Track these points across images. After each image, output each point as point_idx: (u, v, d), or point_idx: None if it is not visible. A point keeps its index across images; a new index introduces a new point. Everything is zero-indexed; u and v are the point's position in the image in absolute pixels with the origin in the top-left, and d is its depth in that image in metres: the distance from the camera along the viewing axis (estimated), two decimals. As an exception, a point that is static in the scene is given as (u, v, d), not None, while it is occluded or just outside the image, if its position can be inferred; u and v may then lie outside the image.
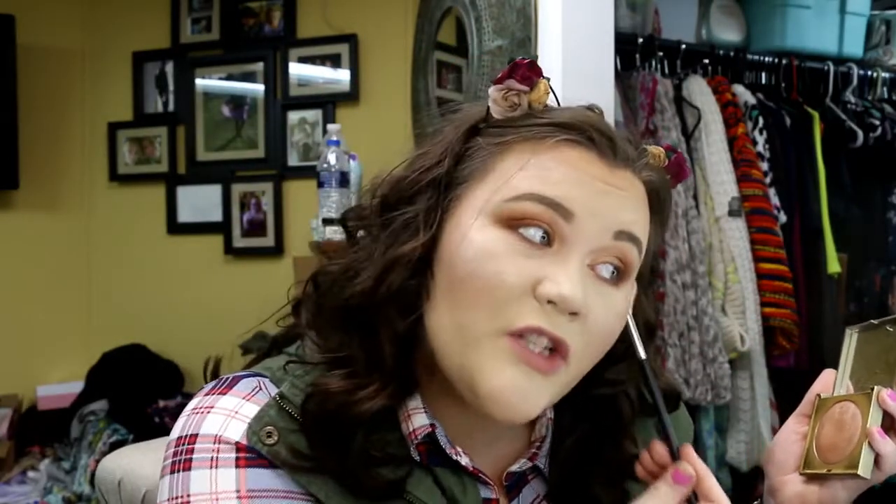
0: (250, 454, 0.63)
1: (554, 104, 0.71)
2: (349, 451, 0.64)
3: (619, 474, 0.74)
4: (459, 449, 0.70)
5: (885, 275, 2.59)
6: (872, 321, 0.81)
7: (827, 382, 0.80)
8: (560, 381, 0.64)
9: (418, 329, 0.67)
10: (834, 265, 2.39)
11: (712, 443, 2.26)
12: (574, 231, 0.63)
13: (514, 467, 0.73)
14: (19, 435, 3.13)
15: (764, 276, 2.27)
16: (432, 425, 0.68)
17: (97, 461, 1.92)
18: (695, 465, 0.66)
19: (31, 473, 2.99)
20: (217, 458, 0.63)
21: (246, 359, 0.76)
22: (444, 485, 0.68)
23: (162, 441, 0.74)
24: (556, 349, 0.63)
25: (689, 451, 0.67)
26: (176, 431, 0.66)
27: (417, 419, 0.68)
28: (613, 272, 0.65)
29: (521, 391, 0.62)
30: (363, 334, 0.66)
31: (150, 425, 2.91)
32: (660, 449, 0.68)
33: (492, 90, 0.68)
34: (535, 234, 0.63)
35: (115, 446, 2.37)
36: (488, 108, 0.69)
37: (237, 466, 0.63)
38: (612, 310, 0.65)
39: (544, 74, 0.68)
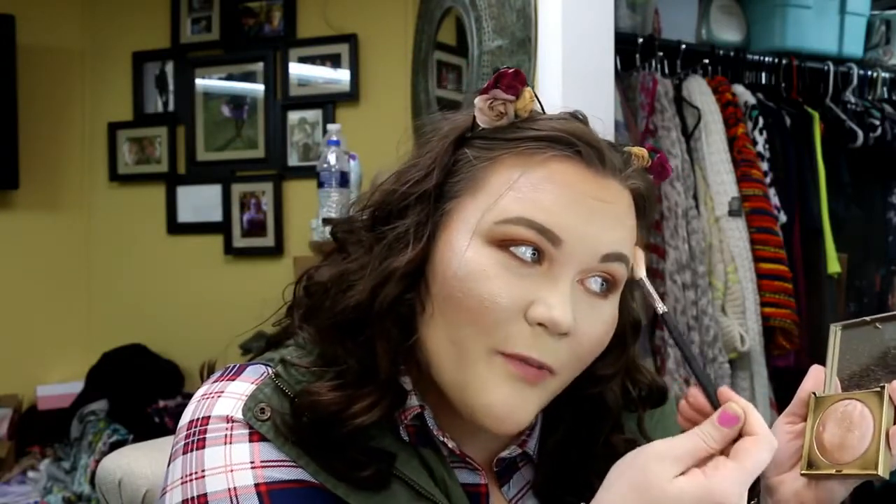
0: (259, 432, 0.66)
1: (538, 111, 0.71)
2: (335, 452, 0.66)
3: (606, 466, 0.75)
4: (447, 433, 0.71)
5: (885, 275, 2.59)
6: (865, 318, 0.80)
7: (818, 379, 0.79)
8: (548, 389, 0.67)
9: (412, 339, 0.69)
10: (834, 265, 2.39)
11: (712, 443, 2.25)
12: (563, 254, 0.65)
13: (505, 453, 0.75)
14: (19, 435, 3.13)
15: (764, 276, 2.26)
16: (421, 406, 0.70)
17: (97, 461, 1.92)
18: (739, 403, 0.63)
19: (31, 473, 2.99)
20: (231, 434, 0.65)
21: (245, 359, 0.76)
22: (430, 466, 0.70)
23: (162, 441, 0.74)
24: (543, 366, 0.65)
25: (728, 392, 0.64)
26: (187, 416, 0.68)
27: (409, 400, 0.70)
28: (602, 284, 0.68)
29: (512, 405, 0.65)
30: (357, 345, 0.68)
31: (150, 425, 2.90)
32: (696, 393, 0.67)
33: (477, 100, 0.69)
34: (525, 251, 0.65)
35: (115, 446, 2.37)
36: (474, 117, 0.70)
37: (251, 441, 0.65)
38: (601, 320, 0.68)
39: (527, 83, 0.69)
